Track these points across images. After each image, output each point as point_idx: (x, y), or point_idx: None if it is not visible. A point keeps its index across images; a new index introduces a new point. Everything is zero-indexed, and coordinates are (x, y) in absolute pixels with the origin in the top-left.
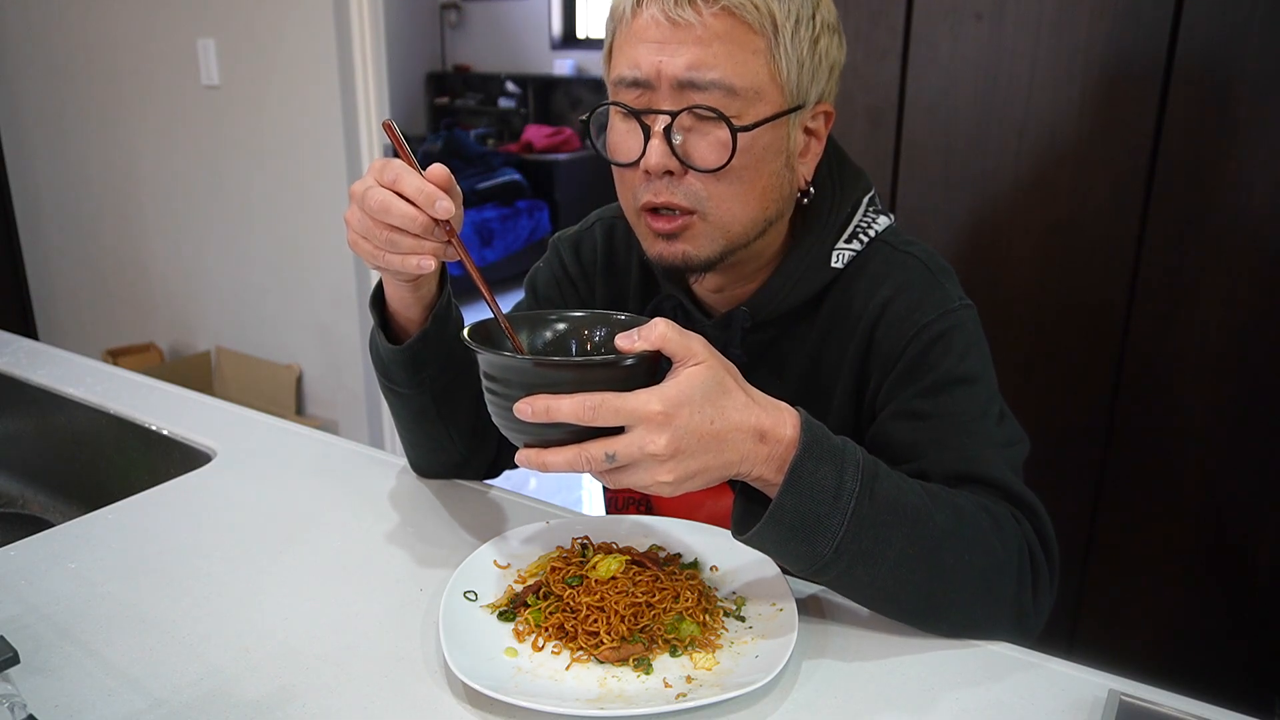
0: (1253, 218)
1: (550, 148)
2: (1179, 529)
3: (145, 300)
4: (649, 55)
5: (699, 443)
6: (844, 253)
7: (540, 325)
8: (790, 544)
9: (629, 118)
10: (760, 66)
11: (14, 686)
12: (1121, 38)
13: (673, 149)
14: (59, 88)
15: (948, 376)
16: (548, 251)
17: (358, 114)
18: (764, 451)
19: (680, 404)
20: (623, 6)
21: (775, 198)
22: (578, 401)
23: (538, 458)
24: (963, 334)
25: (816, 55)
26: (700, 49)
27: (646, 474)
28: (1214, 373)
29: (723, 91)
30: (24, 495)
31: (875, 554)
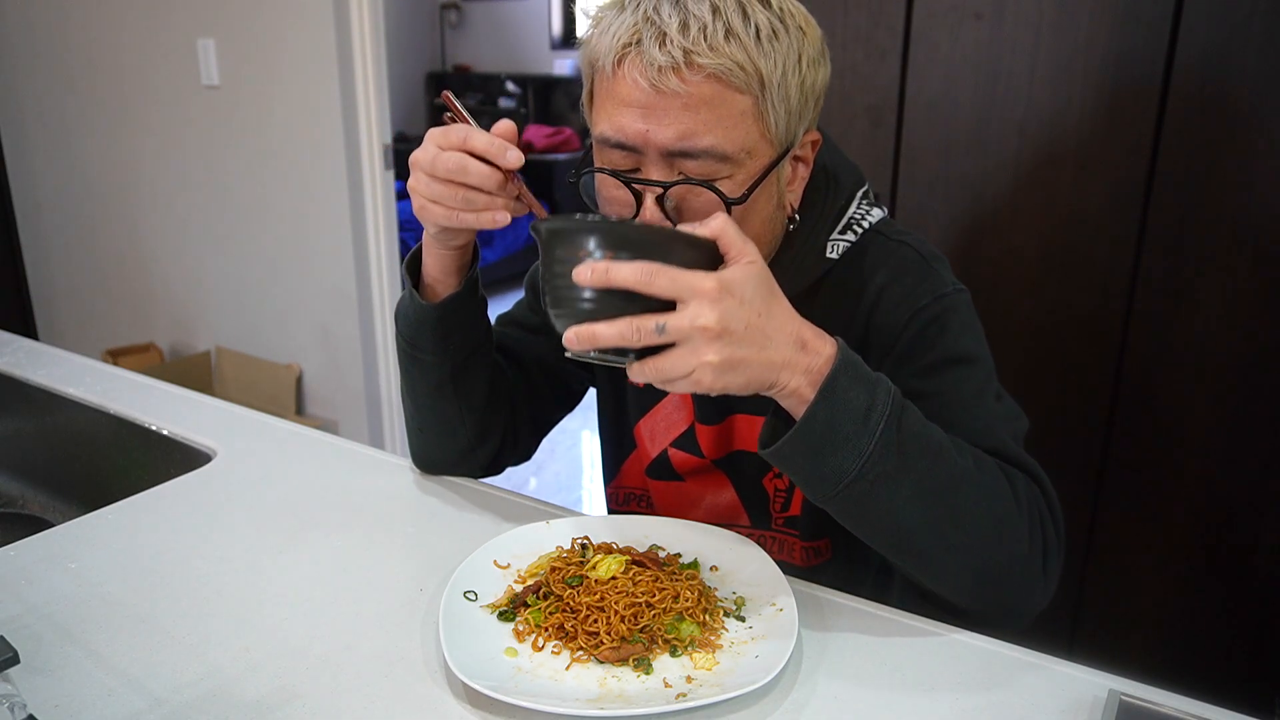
0: (1252, 217)
1: (550, 148)
2: (1179, 529)
3: (145, 300)
4: (634, 122)
5: (746, 330)
6: (839, 243)
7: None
8: (817, 457)
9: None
10: (750, 126)
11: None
12: (1121, 37)
13: (666, 213)
14: (59, 88)
15: (944, 356)
16: None
17: (358, 114)
18: (804, 361)
19: (734, 287)
20: (600, 59)
21: (770, 238)
22: (637, 266)
23: (588, 330)
24: (957, 316)
25: (804, 95)
26: (689, 116)
27: (693, 354)
28: (1214, 373)
29: (715, 159)
30: (24, 495)
31: (896, 479)
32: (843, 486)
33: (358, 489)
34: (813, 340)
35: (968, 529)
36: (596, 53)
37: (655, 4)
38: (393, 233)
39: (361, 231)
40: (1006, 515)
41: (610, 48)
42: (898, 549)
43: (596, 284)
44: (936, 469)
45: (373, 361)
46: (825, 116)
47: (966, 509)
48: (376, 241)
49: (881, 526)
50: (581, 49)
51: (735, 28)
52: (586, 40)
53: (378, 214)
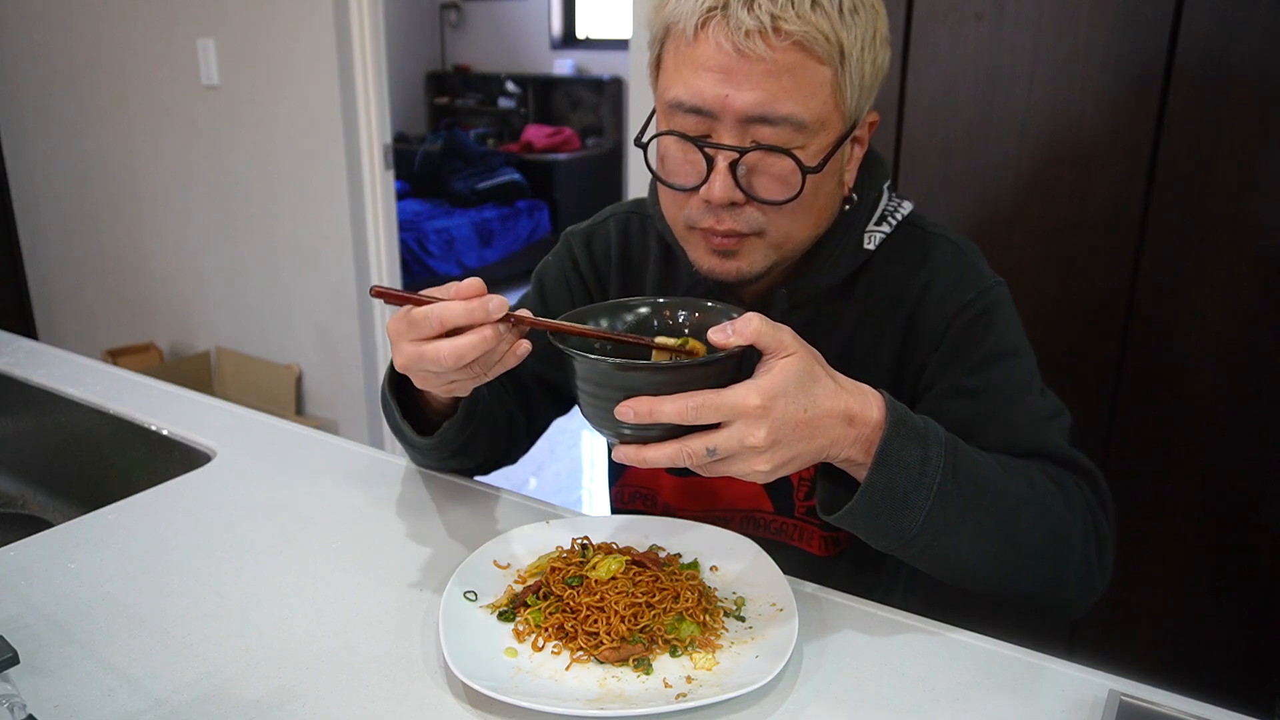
0: (1253, 216)
1: (550, 148)
2: (1179, 529)
3: (145, 300)
4: (713, 86)
5: (794, 431)
6: (875, 235)
7: (621, 310)
8: (879, 520)
9: (688, 144)
10: (826, 97)
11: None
12: (1122, 37)
13: (737, 182)
14: (59, 88)
15: (993, 352)
16: (559, 245)
17: (358, 114)
18: (852, 434)
19: (776, 396)
20: (680, 22)
21: (829, 214)
22: (680, 403)
23: (638, 454)
24: (1001, 310)
25: (875, 72)
26: (770, 82)
27: (744, 464)
28: (1214, 372)
29: (793, 126)
30: (24, 495)
31: (958, 526)
32: (907, 540)
33: (358, 489)
34: (860, 412)
35: (1025, 551)
36: (677, 14)
37: None
38: (393, 233)
39: (361, 231)
40: (1061, 527)
41: (694, 9)
42: (959, 579)
43: (641, 422)
44: (994, 504)
45: (372, 361)
46: None
47: (1023, 533)
48: (376, 241)
49: (944, 566)
50: (655, 12)
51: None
52: (660, 3)
53: (378, 214)
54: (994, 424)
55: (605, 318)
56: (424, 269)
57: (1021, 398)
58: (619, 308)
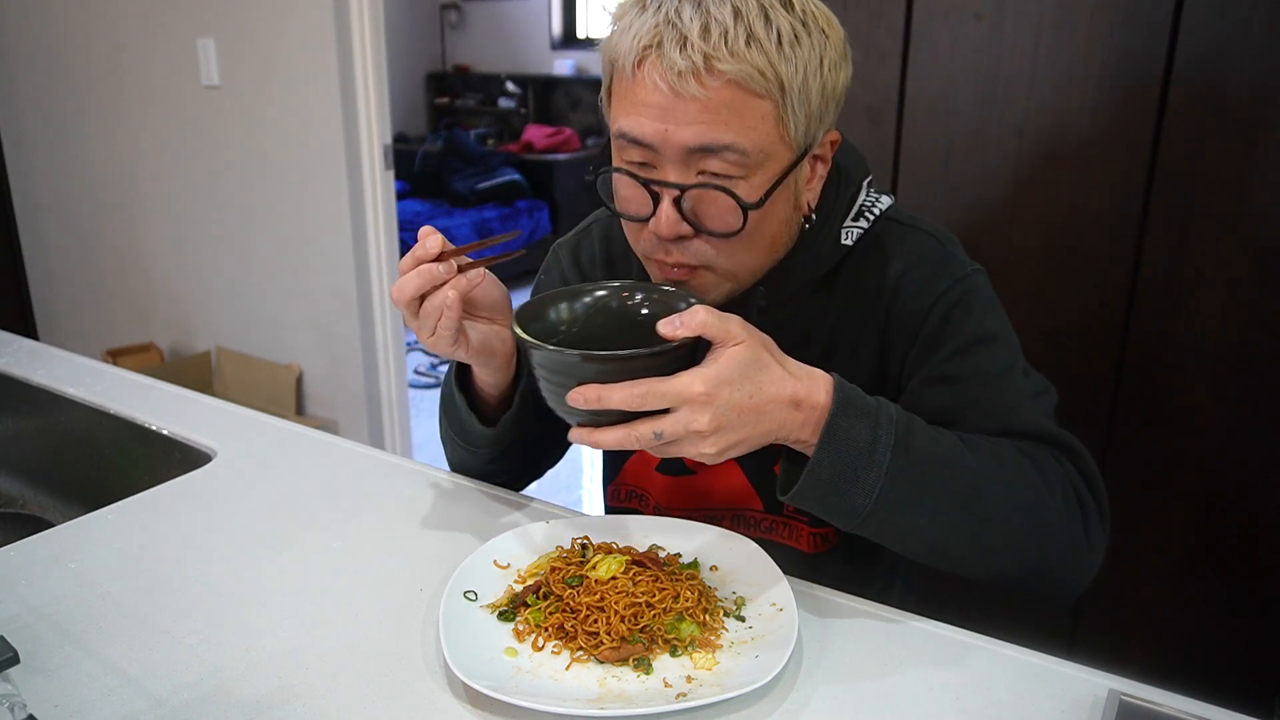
0: (1252, 217)
1: (550, 148)
2: (1179, 528)
3: (145, 300)
4: (653, 122)
5: (739, 417)
6: (852, 230)
7: (580, 294)
8: (830, 498)
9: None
10: (769, 129)
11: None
12: (1121, 37)
13: (683, 214)
14: (59, 88)
15: (971, 337)
16: (548, 258)
17: (358, 114)
18: (799, 418)
19: (721, 383)
20: (620, 60)
21: (784, 241)
22: (627, 390)
23: (590, 436)
24: (979, 297)
25: (824, 98)
26: (708, 117)
27: (692, 447)
28: (1214, 372)
29: (736, 155)
30: (24, 495)
31: (913, 503)
32: (861, 519)
33: (358, 489)
34: (806, 396)
35: (998, 527)
36: (617, 52)
37: (677, 6)
38: (393, 233)
39: (361, 231)
40: (1036, 501)
41: (630, 48)
42: (932, 559)
43: (591, 408)
44: (954, 480)
45: (373, 361)
46: None
47: (993, 509)
48: (376, 241)
49: (910, 544)
50: (602, 45)
51: (757, 32)
52: (607, 38)
53: (378, 214)
54: (975, 409)
55: (565, 301)
56: None
57: (1002, 381)
58: (578, 292)
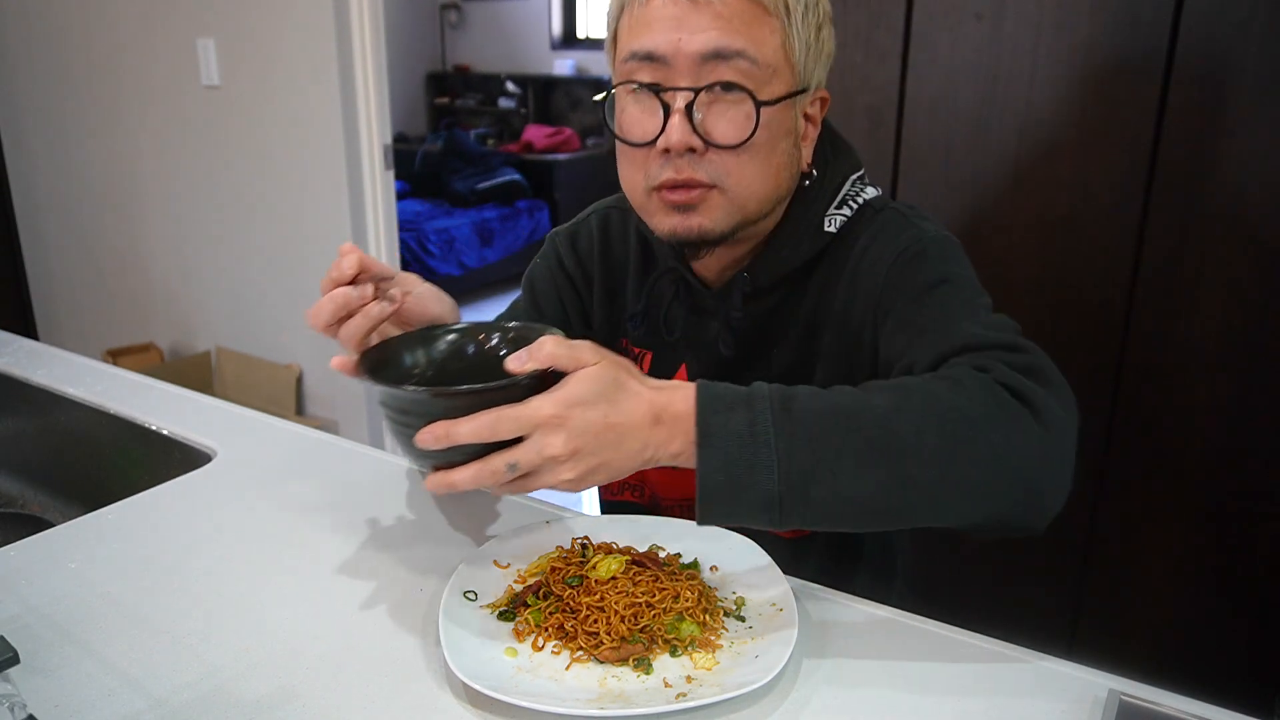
0: (1252, 216)
1: (550, 148)
2: (1179, 528)
3: (145, 300)
4: (666, 32)
5: (596, 439)
6: (835, 218)
7: (433, 339)
8: (735, 499)
9: (643, 96)
10: (776, 45)
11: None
12: (1121, 37)
13: (694, 126)
14: (59, 88)
15: (927, 281)
16: (545, 247)
17: (358, 114)
18: (664, 432)
19: (573, 404)
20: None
21: (787, 175)
22: (475, 422)
23: (444, 479)
24: (939, 248)
25: (820, 40)
26: (721, 25)
27: (551, 476)
28: (1215, 372)
29: (748, 63)
30: (24, 495)
31: (824, 467)
32: (781, 509)
33: (358, 489)
34: (665, 407)
35: (926, 460)
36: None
37: None
38: (393, 233)
39: (361, 231)
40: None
41: None
42: (885, 522)
43: (441, 447)
44: (857, 427)
45: None
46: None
47: (910, 444)
48: (376, 241)
49: (852, 516)
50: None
51: None
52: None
53: (378, 214)
54: (924, 337)
55: (420, 346)
56: (424, 269)
57: (959, 312)
58: (429, 337)
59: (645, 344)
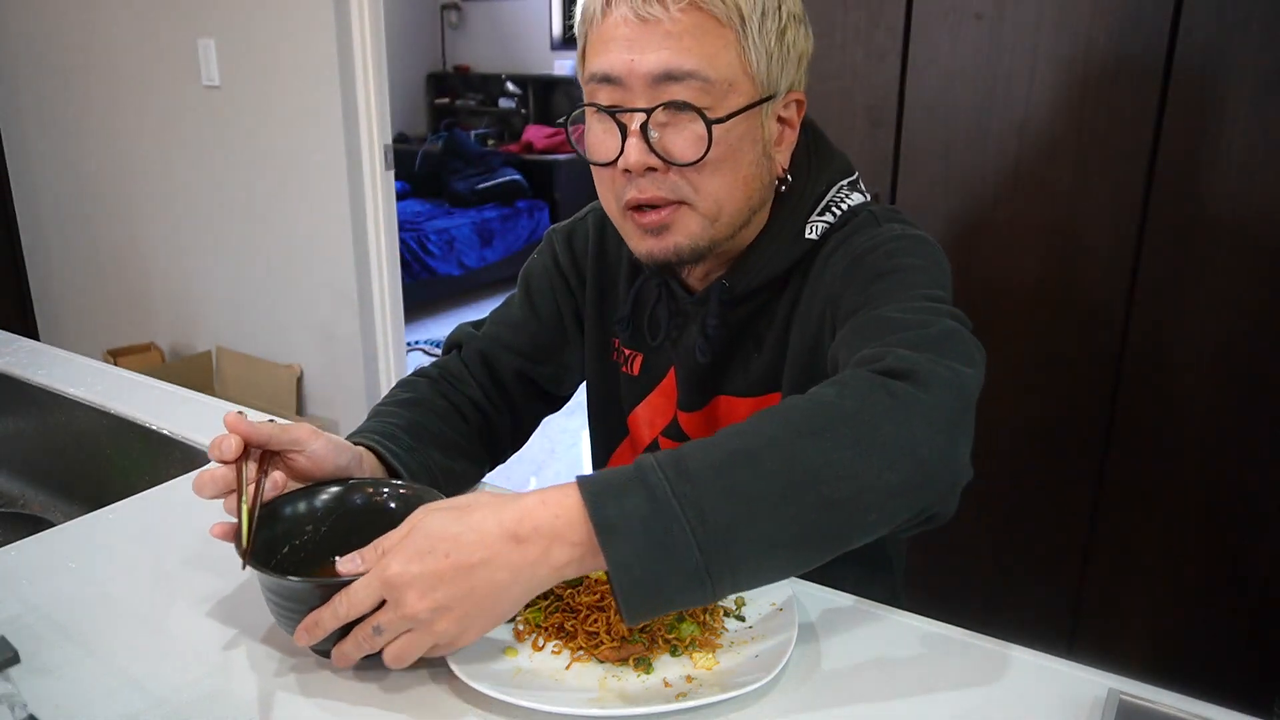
0: (1252, 217)
1: (550, 148)
2: (1179, 529)
3: (145, 300)
4: (620, 53)
5: (450, 585)
6: (817, 225)
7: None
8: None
9: (605, 117)
10: (731, 58)
11: (14, 686)
12: (1121, 38)
13: (650, 145)
14: (59, 88)
15: (877, 271)
16: (542, 243)
17: (358, 114)
18: (534, 550)
19: (415, 554)
20: (592, 8)
21: (757, 186)
22: (331, 605)
23: (338, 658)
24: (898, 243)
25: (784, 46)
26: (672, 43)
27: (426, 635)
28: (1214, 372)
29: (699, 82)
30: (24, 495)
31: (738, 520)
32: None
33: None
34: (524, 518)
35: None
36: (589, 6)
37: None
38: (393, 233)
39: (361, 231)
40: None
41: None
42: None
43: (316, 639)
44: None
45: (373, 361)
46: (825, 117)
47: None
48: (376, 241)
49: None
50: (578, 13)
51: None
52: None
53: (378, 214)
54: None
55: (302, 500)
56: (424, 269)
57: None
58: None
59: (635, 346)
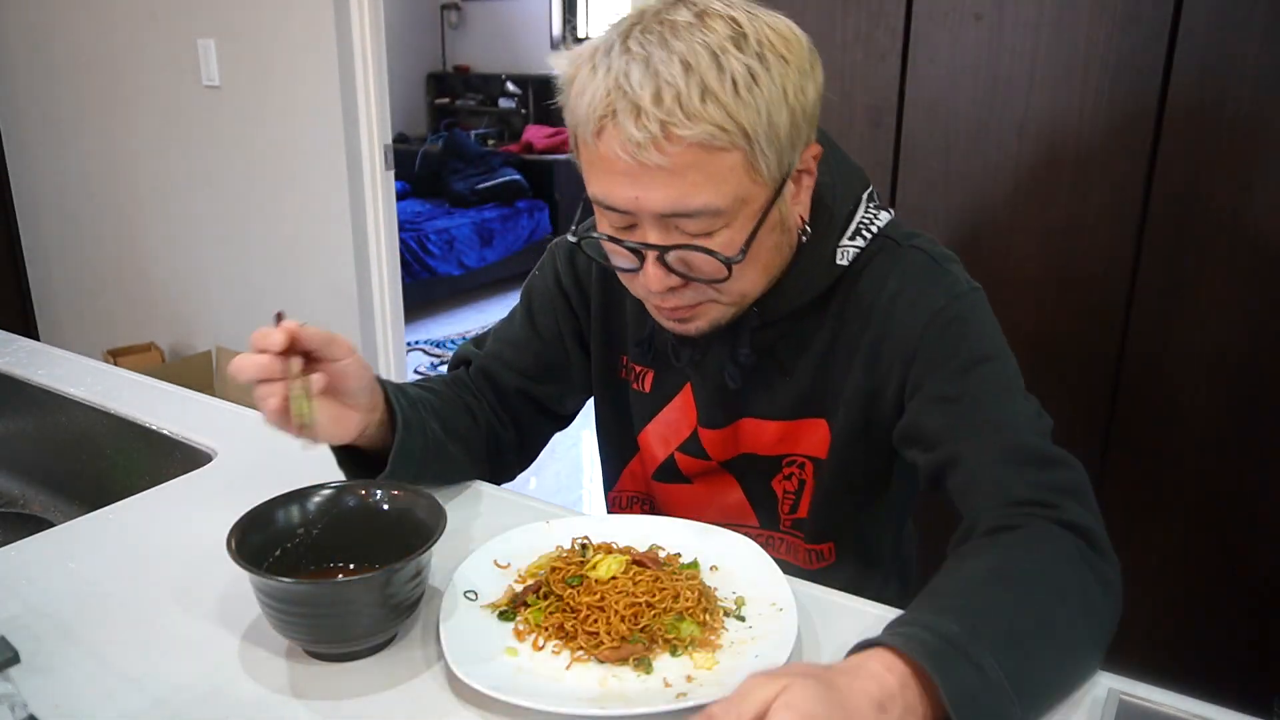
0: (1252, 218)
1: (550, 148)
2: (1179, 529)
3: (145, 300)
4: (623, 190)
5: None
6: (849, 249)
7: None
8: None
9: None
10: (740, 178)
11: (14, 686)
12: (1121, 38)
13: (670, 268)
14: (59, 88)
15: (971, 357)
16: (544, 258)
17: (358, 114)
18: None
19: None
20: (579, 126)
21: (780, 259)
22: None
23: None
24: (977, 315)
25: (794, 125)
26: (676, 181)
27: None
28: (1214, 372)
29: (709, 215)
30: (24, 495)
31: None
32: None
33: None
34: (882, 688)
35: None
36: (575, 117)
37: (625, 70)
38: (393, 233)
39: (361, 231)
40: (1083, 600)
41: (587, 117)
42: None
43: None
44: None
45: (373, 361)
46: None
47: (1071, 643)
48: (377, 241)
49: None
50: (561, 102)
51: (710, 85)
52: (566, 97)
53: (378, 214)
54: (975, 429)
55: (294, 503)
56: (424, 269)
57: (1003, 401)
58: (306, 492)
59: (646, 363)
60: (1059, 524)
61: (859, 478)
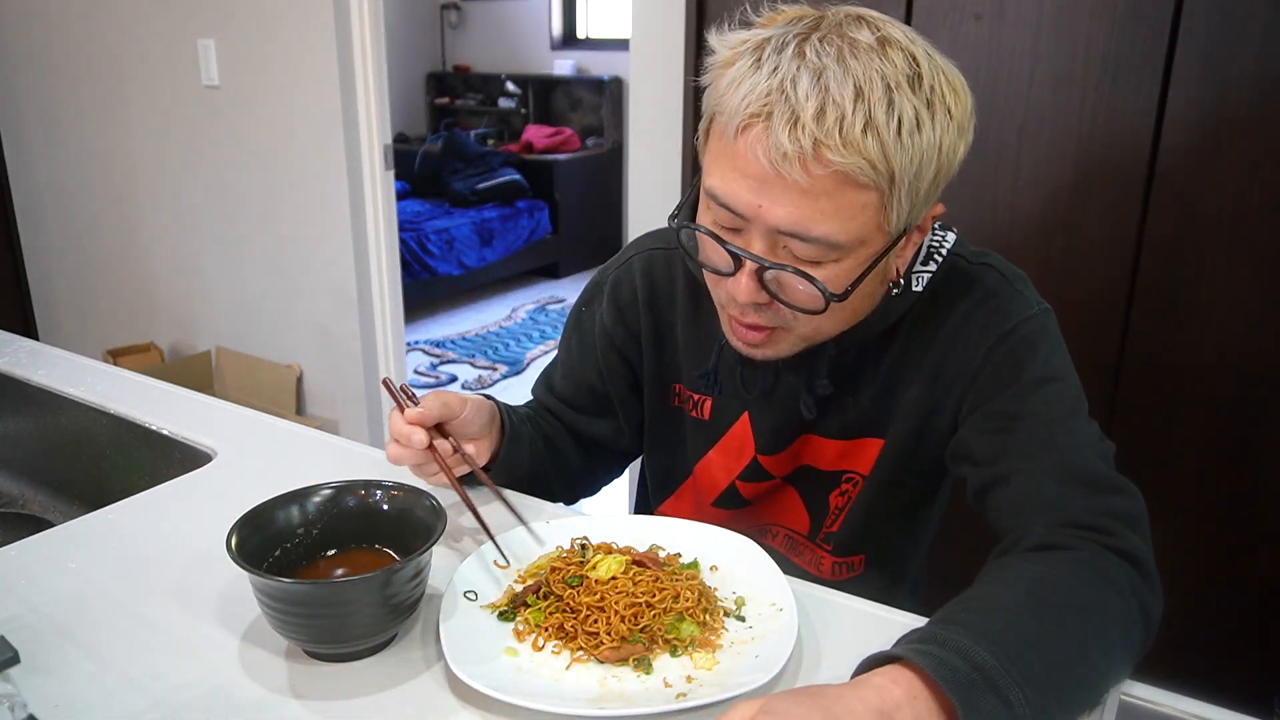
0: (1252, 218)
1: (550, 148)
2: (1179, 528)
3: (145, 300)
4: (747, 193)
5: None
6: (922, 275)
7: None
8: None
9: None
10: (868, 218)
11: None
12: (1121, 38)
13: (764, 285)
14: (59, 88)
15: (1035, 377)
16: (589, 293)
17: (358, 114)
18: None
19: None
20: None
21: (867, 307)
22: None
23: None
24: (1046, 337)
25: (936, 184)
26: (806, 203)
27: None
28: (1214, 372)
29: (826, 245)
30: (24, 495)
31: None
32: None
33: None
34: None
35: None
36: (721, 105)
37: (794, 73)
38: (393, 233)
39: (361, 231)
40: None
41: (737, 110)
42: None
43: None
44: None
45: (373, 361)
46: None
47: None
48: (377, 241)
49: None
50: (706, 82)
51: (876, 119)
52: (713, 81)
53: (378, 214)
54: (1036, 449)
55: (294, 503)
56: (424, 269)
57: (1066, 422)
58: (306, 492)
59: (704, 391)
60: (1114, 551)
61: (902, 494)
